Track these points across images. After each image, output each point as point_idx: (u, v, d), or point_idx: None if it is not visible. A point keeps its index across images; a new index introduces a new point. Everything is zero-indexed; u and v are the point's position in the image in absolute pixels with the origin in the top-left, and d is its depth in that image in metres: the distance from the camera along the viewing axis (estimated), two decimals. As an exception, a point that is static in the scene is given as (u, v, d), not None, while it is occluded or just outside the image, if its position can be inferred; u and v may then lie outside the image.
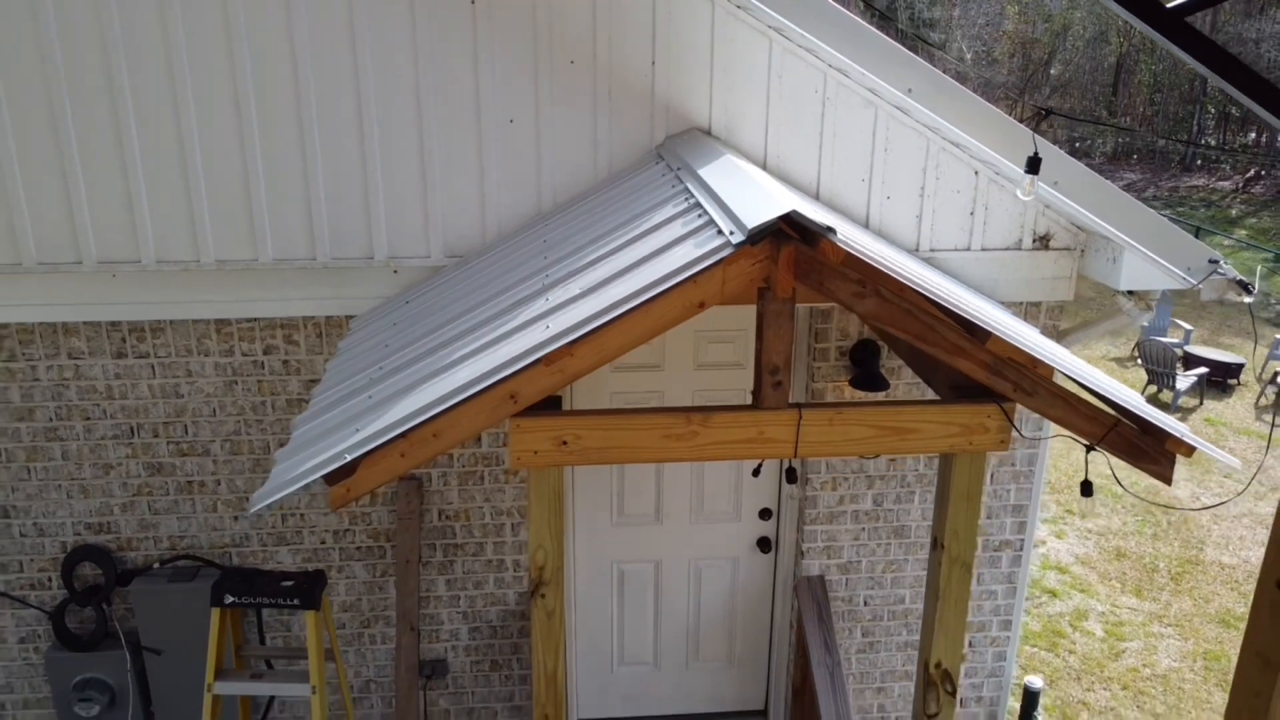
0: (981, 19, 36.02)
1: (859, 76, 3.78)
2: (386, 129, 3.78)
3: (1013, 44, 40.79)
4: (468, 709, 4.72)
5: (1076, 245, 4.12)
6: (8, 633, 4.43)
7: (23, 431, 4.13)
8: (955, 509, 2.89)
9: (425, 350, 3.02)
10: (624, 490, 4.63)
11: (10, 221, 3.78)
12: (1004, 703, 4.96)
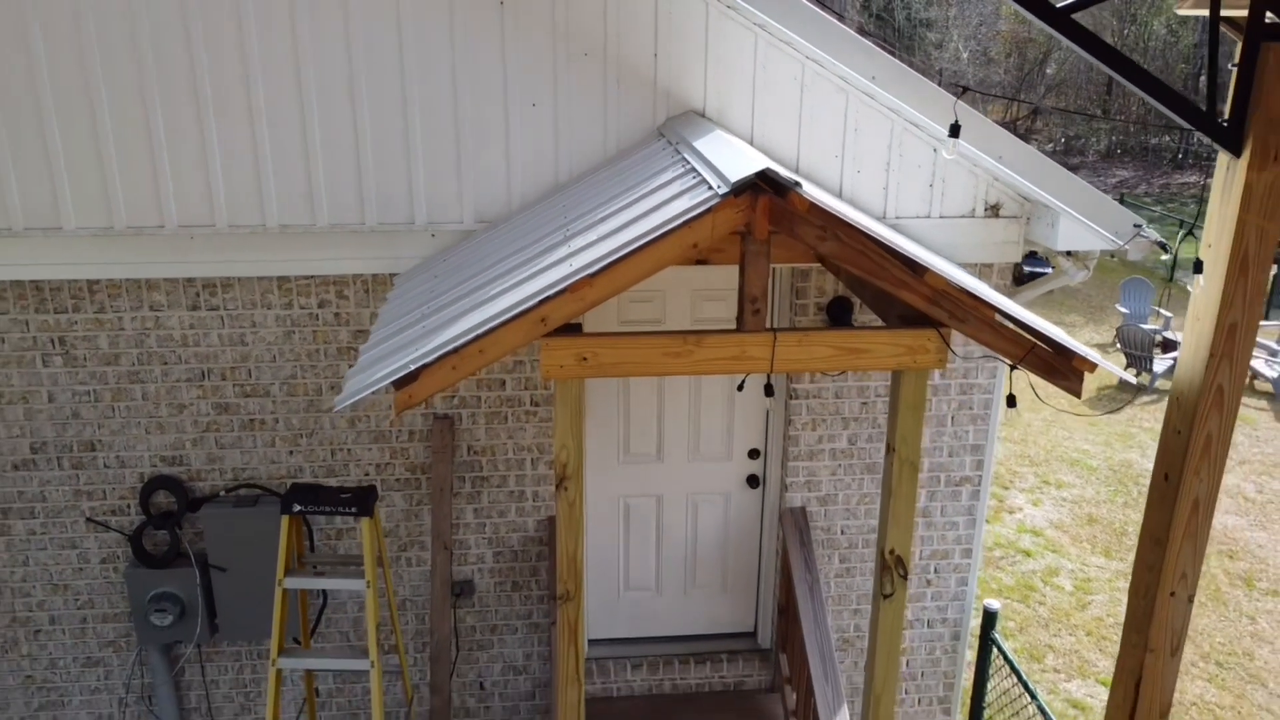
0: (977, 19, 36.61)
1: (831, 66, 4.42)
2: (426, 110, 4.42)
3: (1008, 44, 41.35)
4: (491, 625, 5.36)
5: (1023, 213, 4.76)
6: (91, 554, 5.07)
7: (109, 374, 4.77)
8: (904, 418, 3.53)
9: (467, 290, 3.65)
10: (630, 432, 5.27)
11: (105, 191, 4.42)
12: (966, 623, 5.59)
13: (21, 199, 4.40)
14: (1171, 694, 3.70)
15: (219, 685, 5.36)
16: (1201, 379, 3.26)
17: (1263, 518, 10.14)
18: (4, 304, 4.62)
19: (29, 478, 4.90)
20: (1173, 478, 3.41)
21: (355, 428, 4.93)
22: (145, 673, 5.28)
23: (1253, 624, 8.29)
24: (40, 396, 4.78)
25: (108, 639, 5.24)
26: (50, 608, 5.15)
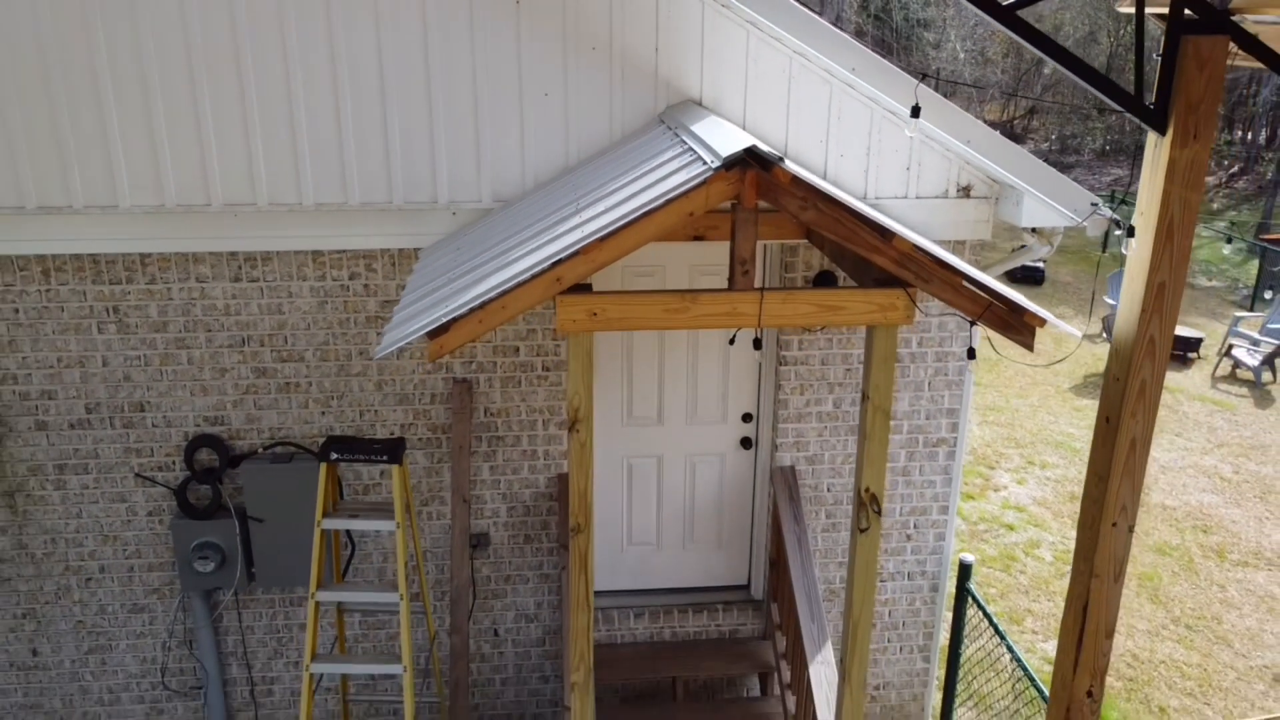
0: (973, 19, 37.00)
1: (816, 59, 4.88)
2: (449, 99, 4.88)
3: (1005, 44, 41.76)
4: (505, 575, 5.82)
5: (992, 194, 5.22)
6: (139, 507, 5.53)
7: (158, 341, 5.23)
8: (876, 369, 3.98)
9: (489, 257, 4.11)
10: (632, 397, 5.73)
11: (157, 171, 4.88)
12: (944, 575, 6.05)
13: (82, 179, 4.86)
14: (1115, 617, 4.16)
15: (254, 631, 5.82)
16: (1135, 331, 3.71)
17: (1237, 496, 10.60)
18: (64, 275, 5.08)
19: (84, 436, 5.36)
20: (1113, 420, 3.87)
21: (382, 390, 5.39)
22: (187, 618, 5.74)
23: (1222, 591, 8.75)
24: (95, 361, 5.24)
25: (153, 587, 5.70)
26: (100, 557, 5.61)
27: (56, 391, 5.27)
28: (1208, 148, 3.52)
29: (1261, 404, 13.36)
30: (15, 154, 4.79)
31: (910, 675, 6.27)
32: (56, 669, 5.83)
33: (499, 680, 6.04)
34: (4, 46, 4.64)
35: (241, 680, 5.91)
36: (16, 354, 5.19)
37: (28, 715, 5.92)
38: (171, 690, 5.90)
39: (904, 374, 5.60)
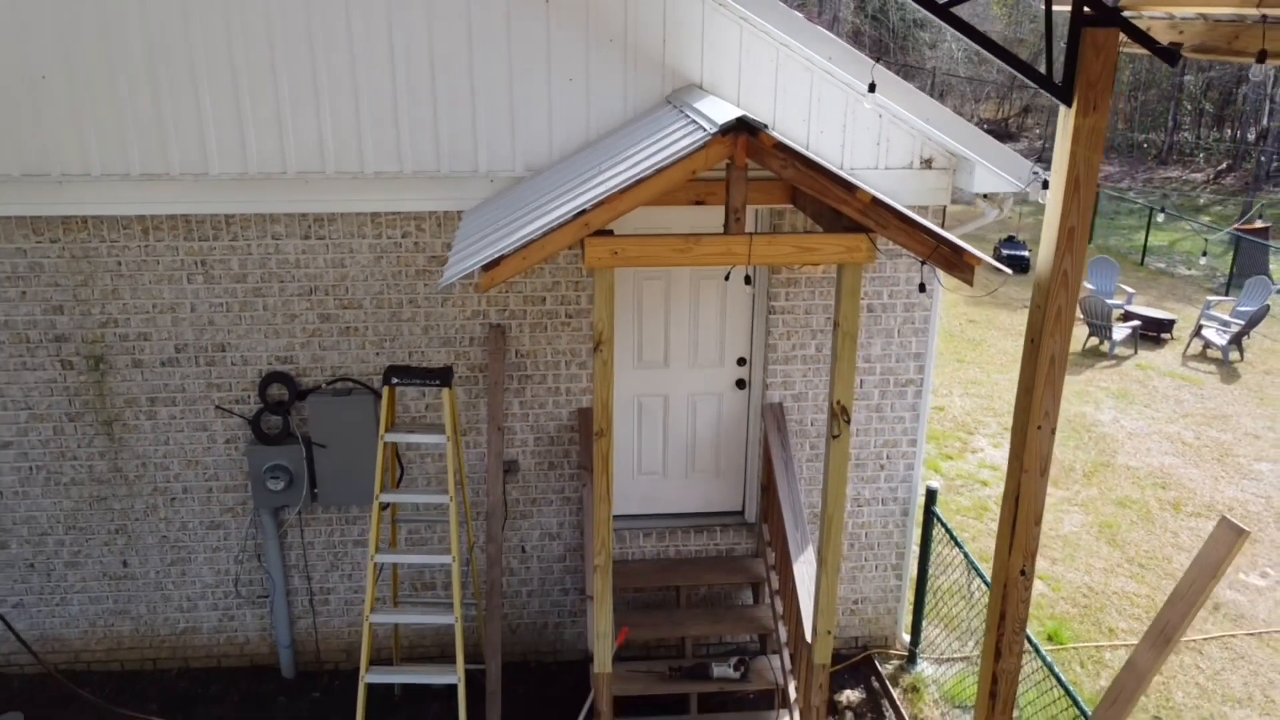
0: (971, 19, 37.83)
1: (799, 50, 5.78)
2: (488, 83, 5.78)
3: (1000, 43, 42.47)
4: (531, 498, 6.71)
5: (950, 165, 6.12)
6: (217, 435, 6.43)
7: (238, 290, 6.13)
8: (845, 301, 4.88)
9: (526, 211, 5.01)
10: (642, 344, 6.63)
11: (242, 144, 5.79)
12: (914, 500, 6.95)
13: (179, 151, 5.76)
14: (1042, 507, 5.05)
15: (314, 546, 6.72)
16: (1052, 267, 4.61)
17: (1196, 458, 11.49)
18: (160, 233, 5.98)
19: (172, 373, 6.27)
20: (1035, 341, 4.77)
21: (428, 334, 6.29)
22: (257, 534, 6.64)
23: (1175, 537, 9.64)
24: (185, 307, 6.14)
25: (227, 506, 6.60)
26: (184, 479, 6.51)
27: (151, 334, 6.18)
28: (1105, 117, 4.42)
29: (1227, 379, 14.24)
30: (124, 129, 5.69)
31: (885, 591, 7.17)
32: (143, 579, 6.73)
33: (525, 593, 6.95)
34: (115, 39, 5.54)
35: (302, 590, 6.81)
36: (118, 301, 6.09)
37: (117, 620, 6.82)
38: (242, 598, 6.80)
39: (876, 322, 6.50)
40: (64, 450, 6.37)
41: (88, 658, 6.88)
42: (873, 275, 6.39)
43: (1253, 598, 8.62)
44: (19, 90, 5.58)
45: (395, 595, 6.34)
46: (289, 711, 6.60)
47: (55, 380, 6.23)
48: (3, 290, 6.02)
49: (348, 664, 6.99)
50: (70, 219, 5.91)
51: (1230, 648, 7.91)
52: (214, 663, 6.96)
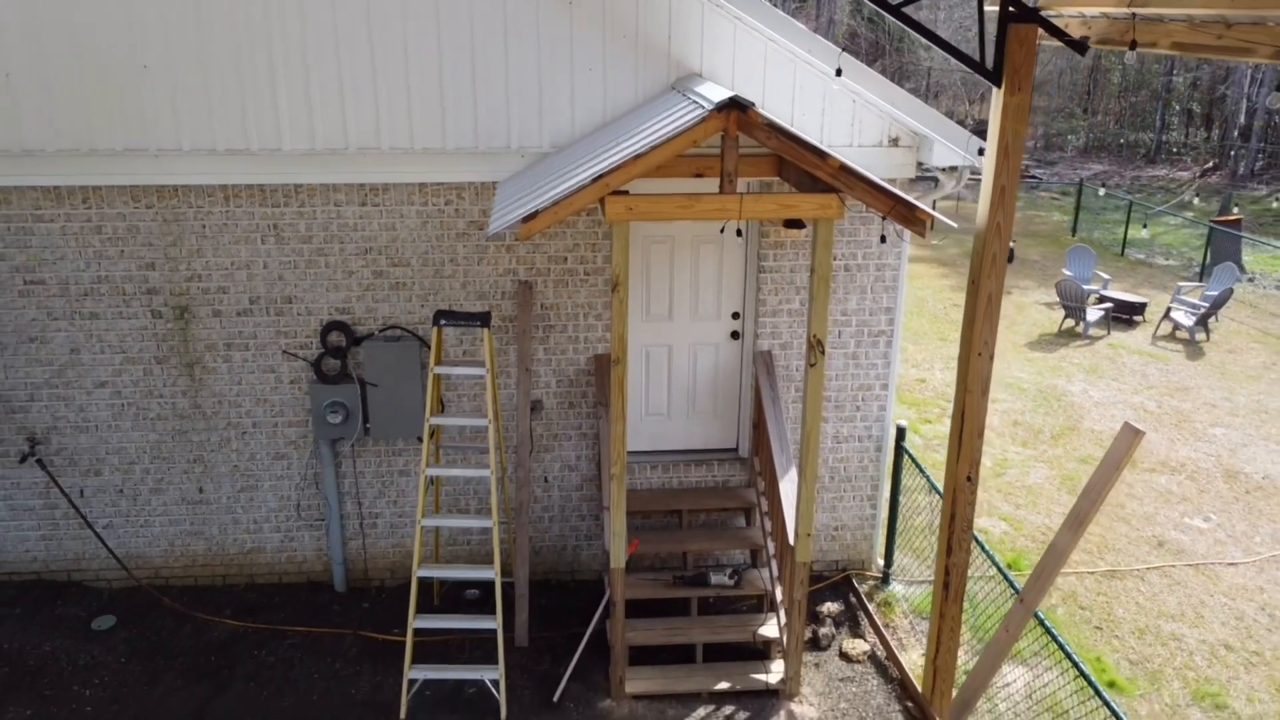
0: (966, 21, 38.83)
1: (784, 44, 6.81)
2: (519, 71, 6.81)
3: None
4: (553, 434, 7.74)
5: (914, 143, 7.15)
6: (284, 376, 7.45)
7: (304, 250, 7.16)
8: (819, 251, 5.90)
9: (555, 176, 6.04)
10: (650, 299, 7.65)
11: (310, 125, 6.82)
12: (887, 438, 7.97)
13: (256, 129, 6.80)
14: (983, 422, 6.08)
15: (364, 475, 7.74)
16: (988, 219, 5.65)
17: (1156, 424, 12.51)
18: (239, 200, 7.02)
19: (246, 321, 7.30)
20: (975, 281, 5.80)
21: (466, 289, 7.32)
22: (316, 464, 7.67)
23: (1130, 489, 10.65)
24: (258, 265, 7.17)
25: (290, 439, 7.63)
26: (253, 416, 7.54)
27: (228, 287, 7.21)
28: (1028, 96, 5.45)
29: (1192, 357, 15.26)
30: (212, 111, 6.73)
31: (861, 519, 8.19)
32: (216, 504, 7.76)
33: (547, 518, 7.97)
34: (207, 36, 6.57)
35: (354, 515, 7.83)
36: (202, 259, 7.13)
37: (193, 540, 7.85)
38: (301, 521, 7.83)
39: (852, 280, 7.53)
40: (151, 389, 7.40)
41: (166, 573, 7.90)
42: (849, 239, 7.42)
43: (1194, 538, 9.64)
44: (125, 78, 6.62)
45: (438, 507, 7.37)
46: (342, 618, 7.62)
47: (146, 328, 7.26)
48: (104, 249, 7.05)
49: (392, 581, 8.02)
50: (164, 188, 6.94)
51: (1169, 576, 8.94)
52: (276, 579, 7.99)
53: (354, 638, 7.38)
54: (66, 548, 7.74)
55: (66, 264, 7.07)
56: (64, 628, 7.38)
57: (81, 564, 7.81)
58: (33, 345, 7.23)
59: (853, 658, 7.34)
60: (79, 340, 7.25)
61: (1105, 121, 43.23)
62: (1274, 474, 11.12)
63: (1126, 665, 7.60)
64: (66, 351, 7.27)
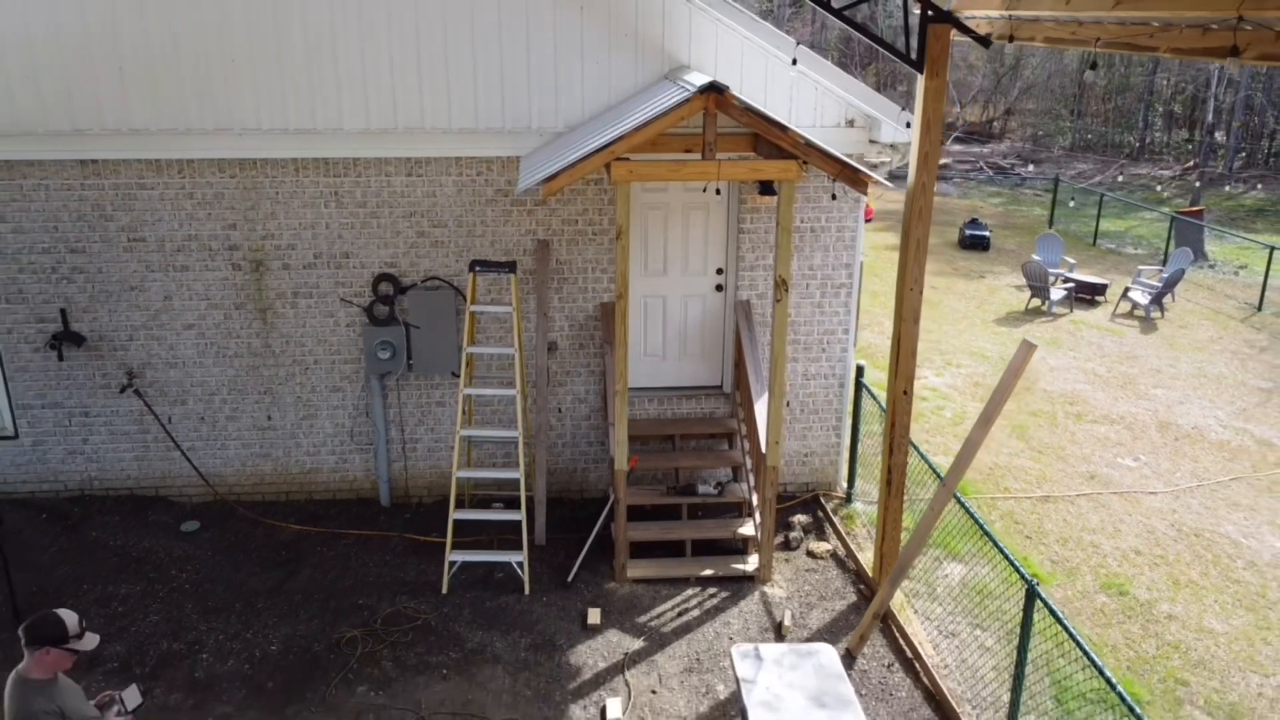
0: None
1: (757, 42, 8.27)
2: (539, 62, 8.26)
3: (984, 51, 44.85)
4: (566, 370, 9.18)
5: (866, 124, 8.60)
6: (340, 320, 8.90)
7: (360, 213, 8.62)
8: (783, 207, 7.35)
9: (569, 149, 7.49)
10: (647, 257, 9.09)
11: (366, 108, 8.28)
12: (848, 377, 9.40)
13: (321, 112, 8.25)
14: (915, 346, 7.52)
15: (407, 405, 9.19)
16: (915, 180, 7.10)
17: (1104, 385, 13.94)
18: (306, 171, 8.47)
19: (311, 273, 8.75)
20: (907, 230, 7.25)
21: (494, 247, 8.77)
22: (366, 395, 9.11)
23: (1072, 436, 12.09)
24: (321, 226, 8.63)
25: (345, 375, 9.07)
26: (315, 354, 8.99)
27: (296, 245, 8.66)
28: (944, 81, 6.90)
29: (1146, 331, 16.69)
30: (285, 97, 8.19)
31: (828, 446, 9.63)
32: (281, 430, 9.21)
33: (560, 444, 9.41)
34: (283, 36, 8.03)
35: (397, 440, 9.28)
36: (274, 220, 8.58)
37: (261, 461, 9.29)
38: (353, 445, 9.27)
39: (817, 240, 8.97)
40: (230, 331, 8.86)
41: (239, 490, 9.35)
42: (814, 206, 8.86)
43: (1123, 474, 11.07)
44: (217, 69, 8.08)
45: (470, 420, 8.83)
46: (388, 525, 9.06)
47: (227, 279, 8.72)
48: (195, 212, 8.51)
49: (429, 497, 9.46)
50: (245, 160, 8.40)
51: (1096, 501, 10.37)
52: (330, 495, 9.43)
53: (399, 539, 8.82)
54: (155, 467, 9.19)
55: (163, 224, 8.53)
56: (157, 530, 8.82)
57: (167, 481, 9.25)
58: (133, 293, 8.69)
59: (817, 555, 8.77)
60: (171, 289, 8.71)
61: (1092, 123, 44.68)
62: (1203, 425, 12.55)
63: (1049, 564, 9.03)
64: (161, 299, 8.72)
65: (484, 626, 7.57)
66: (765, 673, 5.88)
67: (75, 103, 8.06)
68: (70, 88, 8.02)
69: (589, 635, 7.53)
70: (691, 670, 7.20)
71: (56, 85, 8.00)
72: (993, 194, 30.96)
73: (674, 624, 7.72)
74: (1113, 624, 8.17)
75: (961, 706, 6.87)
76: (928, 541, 7.59)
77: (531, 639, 7.47)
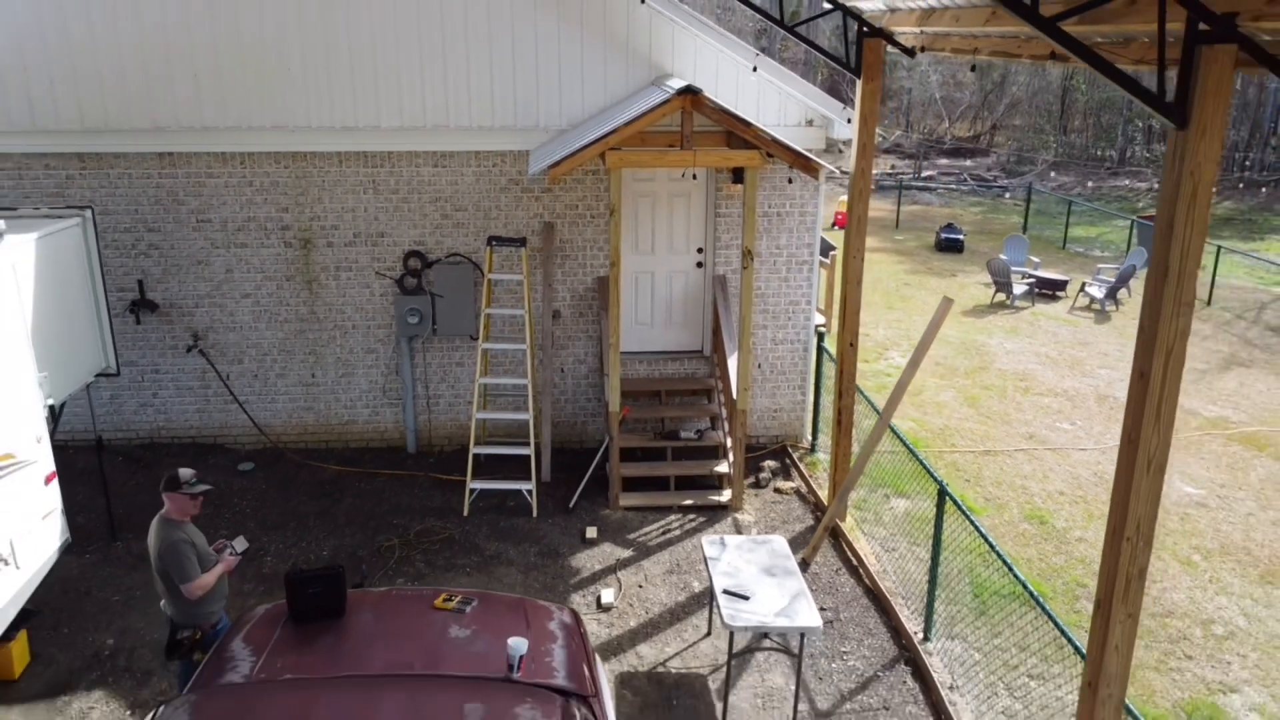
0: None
1: (731, 55, 9.83)
2: (546, 70, 9.81)
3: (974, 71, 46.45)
4: (568, 335, 10.70)
5: (823, 124, 10.16)
6: (375, 291, 10.43)
7: (393, 199, 10.16)
8: (748, 190, 8.87)
9: (571, 142, 9.03)
10: (638, 238, 10.63)
11: (400, 108, 9.83)
12: (810, 341, 10.92)
13: (362, 111, 9.80)
14: (859, 306, 9.03)
15: (431, 365, 10.70)
16: (855, 165, 8.64)
17: (1054, 365, 15.44)
18: (348, 163, 10.02)
19: (351, 250, 10.28)
20: (852, 206, 8.79)
21: (506, 228, 10.30)
22: (396, 356, 10.62)
23: (1018, 405, 13.58)
24: (360, 209, 10.17)
25: (378, 338, 10.59)
26: (353, 319, 10.51)
27: (339, 225, 10.20)
28: (879, 87, 8.45)
29: (1100, 322, 18.21)
30: (333, 100, 9.75)
31: (794, 404, 11.13)
32: (323, 386, 10.72)
33: (563, 400, 10.92)
34: (332, 47, 9.59)
35: (422, 396, 10.78)
36: (321, 205, 10.13)
37: (305, 414, 10.79)
38: (384, 400, 10.78)
39: (783, 223, 10.51)
40: (281, 299, 10.38)
41: (286, 439, 10.85)
42: (780, 193, 10.39)
43: (1059, 434, 12.56)
44: (274, 75, 9.64)
45: (486, 371, 10.35)
46: (415, 467, 10.55)
47: (280, 254, 10.25)
48: (253, 197, 10.06)
49: (449, 446, 10.95)
50: (297, 154, 9.95)
51: (1031, 454, 11.85)
52: (363, 444, 10.94)
53: (425, 477, 10.32)
54: (214, 418, 10.70)
55: (226, 208, 10.07)
56: (218, 471, 10.31)
57: (224, 430, 10.76)
58: (199, 266, 10.22)
59: (783, 491, 10.27)
60: (232, 263, 10.24)
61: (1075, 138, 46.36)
62: (1137, 398, 14.02)
63: (983, 500, 10.52)
64: (223, 271, 10.25)
65: (499, 540, 9.06)
66: (728, 553, 7.36)
67: (156, 104, 9.62)
68: (152, 92, 9.58)
69: (587, 547, 9.01)
70: (672, 572, 8.69)
71: (140, 89, 9.56)
72: (975, 204, 32.52)
73: (658, 540, 9.20)
74: (1031, 544, 9.65)
75: (894, 599, 8.34)
76: (865, 469, 9.09)
77: (539, 549, 8.95)
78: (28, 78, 9.44)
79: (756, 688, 7.20)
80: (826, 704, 7.08)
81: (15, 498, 6.35)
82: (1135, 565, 4.67)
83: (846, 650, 7.71)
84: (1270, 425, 13.12)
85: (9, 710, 6.67)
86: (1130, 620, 4.78)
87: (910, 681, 7.37)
